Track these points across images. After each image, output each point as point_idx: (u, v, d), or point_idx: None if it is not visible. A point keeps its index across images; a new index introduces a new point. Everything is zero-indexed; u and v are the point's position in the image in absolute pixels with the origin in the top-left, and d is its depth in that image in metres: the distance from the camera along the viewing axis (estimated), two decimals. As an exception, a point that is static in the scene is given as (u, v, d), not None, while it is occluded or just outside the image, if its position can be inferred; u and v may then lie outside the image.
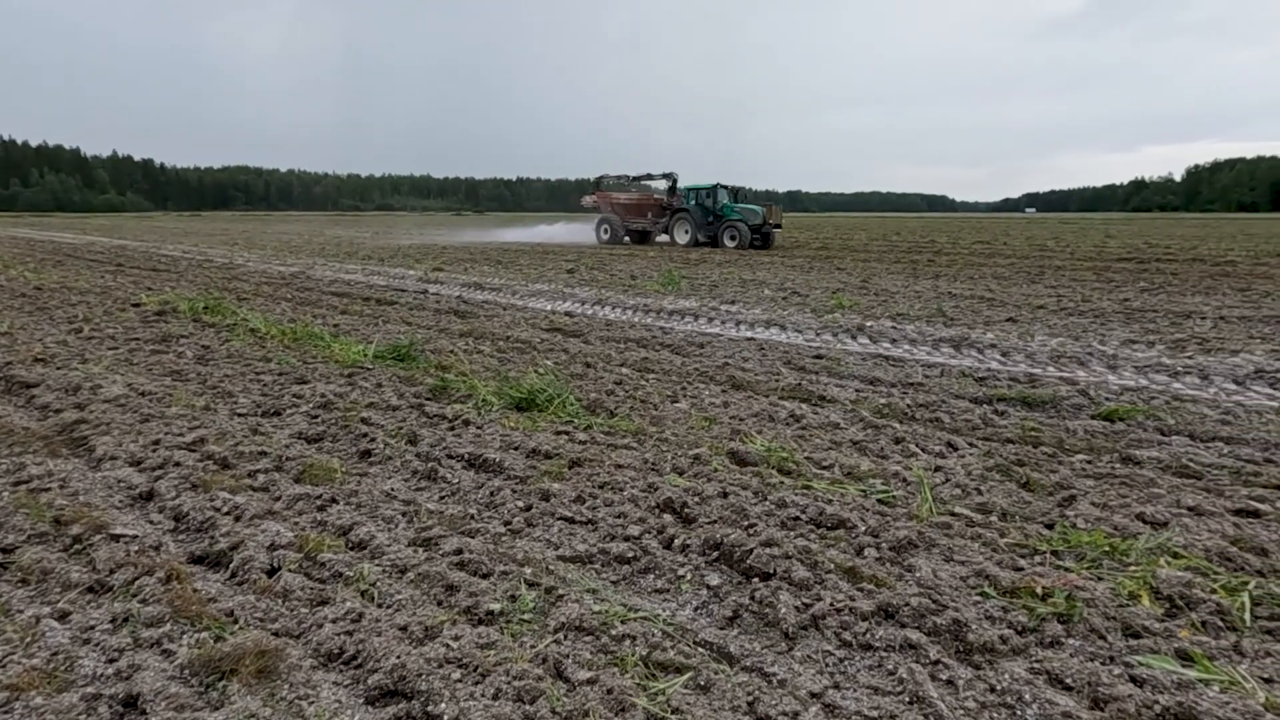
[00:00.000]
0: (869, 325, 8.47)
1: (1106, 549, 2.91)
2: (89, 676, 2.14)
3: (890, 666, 2.24)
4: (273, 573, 2.73)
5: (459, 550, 2.90)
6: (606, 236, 26.36)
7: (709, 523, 3.16)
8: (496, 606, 2.51)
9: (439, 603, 2.57)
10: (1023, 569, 2.77)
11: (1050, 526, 3.19)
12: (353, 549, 2.96)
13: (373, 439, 4.18)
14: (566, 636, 2.37)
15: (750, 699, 2.09)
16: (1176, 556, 2.85)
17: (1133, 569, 2.76)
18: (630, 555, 2.91)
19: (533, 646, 2.30)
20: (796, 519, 3.19)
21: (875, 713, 2.04)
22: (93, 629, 2.35)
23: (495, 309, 9.86)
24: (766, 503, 3.34)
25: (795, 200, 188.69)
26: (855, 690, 2.16)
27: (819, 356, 6.78)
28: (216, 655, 2.18)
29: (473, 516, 3.28)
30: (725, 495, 3.43)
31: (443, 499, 3.50)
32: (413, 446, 4.12)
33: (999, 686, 2.14)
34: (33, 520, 3.04)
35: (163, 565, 2.69)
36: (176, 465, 3.70)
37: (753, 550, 2.84)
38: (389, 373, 5.84)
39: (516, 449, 4.08)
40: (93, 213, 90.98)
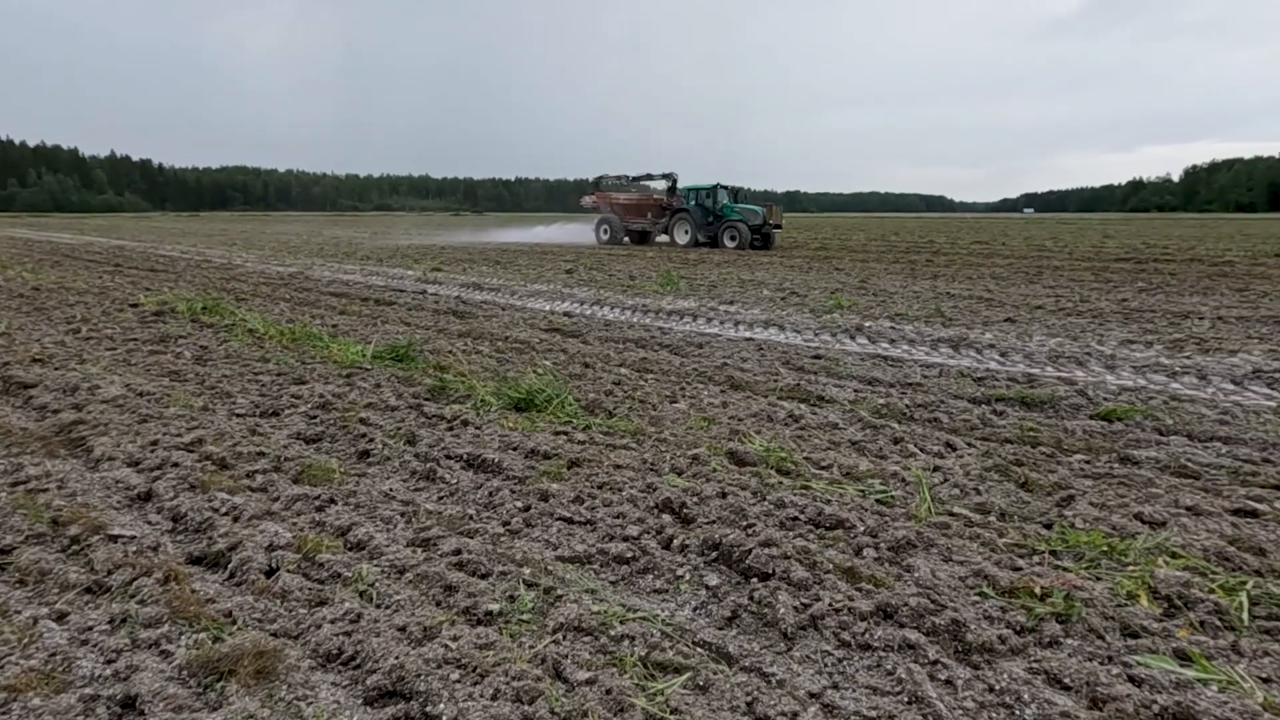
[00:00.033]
0: (868, 325, 8.47)
1: (1105, 549, 2.91)
2: (87, 677, 2.13)
3: (889, 666, 2.24)
4: (271, 573, 2.73)
5: (458, 551, 2.90)
6: (606, 237, 26.29)
7: (708, 523, 3.16)
8: (495, 607, 2.51)
9: (438, 603, 2.57)
10: (1021, 569, 2.78)
11: (1049, 526, 3.19)
12: (351, 549, 2.96)
13: (371, 439, 4.17)
14: (565, 637, 2.37)
15: (749, 699, 2.09)
16: (1174, 556, 2.85)
17: (1131, 569, 2.76)
18: (629, 555, 2.91)
19: (531, 647, 2.30)
20: (795, 519, 3.19)
21: (874, 713, 2.04)
22: (91, 630, 2.34)
23: (494, 309, 9.86)
24: (765, 503, 3.34)
25: (794, 200, 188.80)
26: (854, 690, 2.16)
27: (817, 357, 6.79)
28: (215, 656, 2.18)
29: (471, 517, 3.28)
30: (724, 495, 3.43)
31: (441, 499, 3.50)
32: (411, 447, 4.12)
33: (998, 686, 2.14)
34: (30, 521, 3.04)
35: (161, 566, 2.69)
36: (175, 466, 3.69)
37: (751, 550, 2.84)
38: (387, 373, 5.83)
39: (515, 449, 4.08)
40: (90, 213, 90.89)
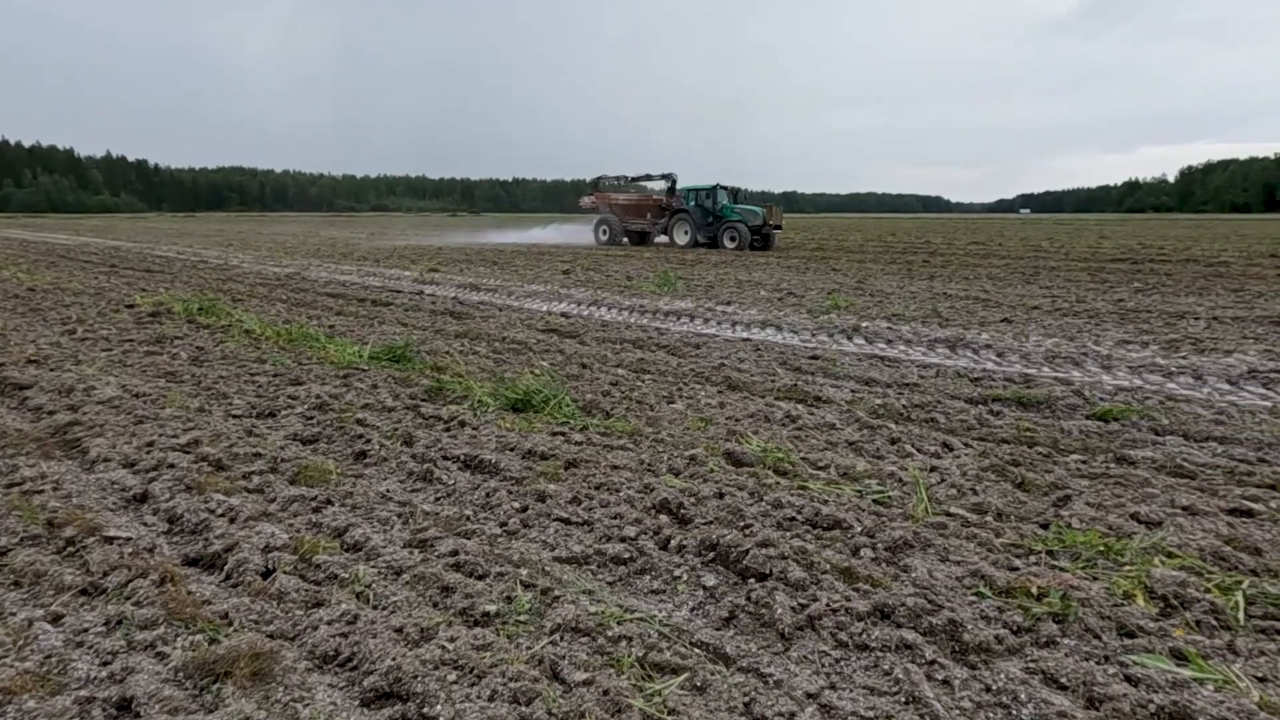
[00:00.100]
0: (864, 326, 8.48)
1: (1101, 549, 2.92)
2: (82, 679, 2.12)
3: (886, 667, 2.24)
4: (268, 574, 2.72)
5: (455, 551, 2.89)
6: (605, 237, 26.26)
7: (705, 523, 3.16)
8: (492, 608, 2.51)
9: (434, 604, 2.57)
10: (1018, 569, 2.78)
11: (1045, 526, 3.20)
12: (348, 550, 2.95)
13: (368, 440, 4.17)
14: (562, 638, 2.37)
15: (746, 699, 2.09)
16: (1171, 556, 2.86)
17: (1127, 568, 2.76)
18: (626, 556, 2.90)
19: (529, 648, 2.30)
20: (792, 519, 3.19)
21: (871, 713, 2.04)
22: (86, 632, 2.33)
23: (491, 310, 9.85)
24: (762, 503, 3.34)
25: (791, 201, 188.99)
26: (851, 690, 2.16)
27: (815, 357, 6.80)
28: (211, 658, 2.17)
29: (468, 518, 3.28)
30: (721, 496, 3.43)
31: (438, 500, 3.49)
32: (408, 448, 4.11)
33: (995, 686, 2.15)
34: (26, 522, 3.03)
35: (157, 568, 2.68)
36: (171, 467, 3.68)
37: (749, 551, 2.84)
38: (384, 374, 5.83)
39: (512, 450, 4.08)
40: (87, 214, 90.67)
